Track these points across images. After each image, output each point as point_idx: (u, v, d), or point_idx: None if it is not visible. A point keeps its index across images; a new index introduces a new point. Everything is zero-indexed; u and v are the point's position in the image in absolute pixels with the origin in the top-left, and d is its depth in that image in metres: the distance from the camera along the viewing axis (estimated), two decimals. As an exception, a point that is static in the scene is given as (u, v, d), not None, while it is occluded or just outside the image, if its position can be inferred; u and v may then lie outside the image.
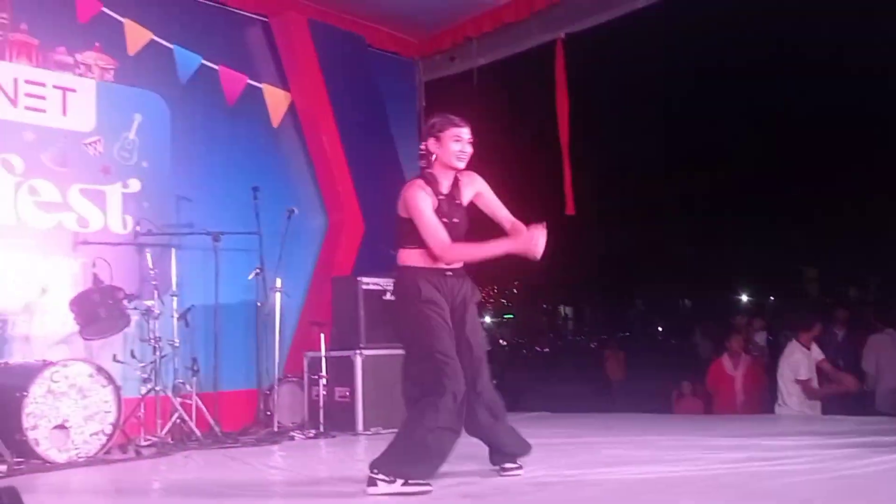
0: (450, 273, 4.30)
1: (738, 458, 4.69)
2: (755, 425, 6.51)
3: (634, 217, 24.21)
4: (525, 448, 4.53)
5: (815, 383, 7.38)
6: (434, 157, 4.31)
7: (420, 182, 4.31)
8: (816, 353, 7.48)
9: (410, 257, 4.32)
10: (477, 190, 4.44)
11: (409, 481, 4.02)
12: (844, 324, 9.71)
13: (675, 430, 6.32)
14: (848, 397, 7.76)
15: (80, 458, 5.45)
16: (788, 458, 4.59)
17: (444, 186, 4.34)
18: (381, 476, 4.07)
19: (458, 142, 4.27)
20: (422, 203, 4.21)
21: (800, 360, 7.37)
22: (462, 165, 4.32)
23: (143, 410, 6.28)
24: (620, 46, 11.54)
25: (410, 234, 4.27)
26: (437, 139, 4.29)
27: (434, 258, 4.25)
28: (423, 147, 4.37)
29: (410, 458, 4.11)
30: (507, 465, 4.48)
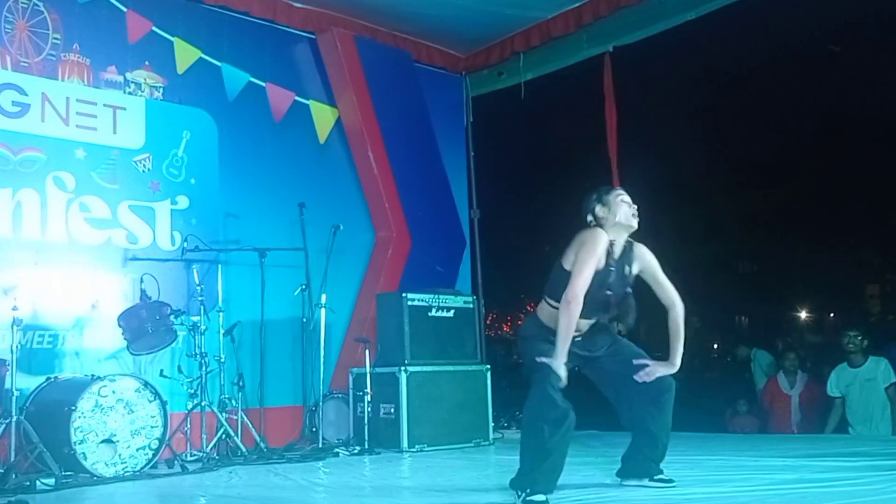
0: (578, 338, 4.30)
1: (788, 479, 4.57)
2: (810, 445, 6.32)
3: (691, 233, 23.88)
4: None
5: None
6: (604, 220, 4.31)
7: (603, 232, 4.28)
8: None
9: (543, 312, 4.36)
10: (644, 263, 4.45)
11: (528, 497, 4.05)
12: None
13: (727, 449, 6.17)
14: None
15: (126, 472, 5.50)
16: (840, 480, 4.44)
17: (616, 252, 4.33)
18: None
19: (630, 205, 4.31)
20: (599, 248, 4.21)
21: None
22: (636, 223, 4.35)
23: (189, 425, 6.35)
24: (673, 58, 11.41)
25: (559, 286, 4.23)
26: (605, 204, 4.33)
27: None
28: (588, 221, 4.35)
29: (528, 466, 4.16)
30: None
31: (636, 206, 4.38)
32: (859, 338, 7.38)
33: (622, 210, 4.33)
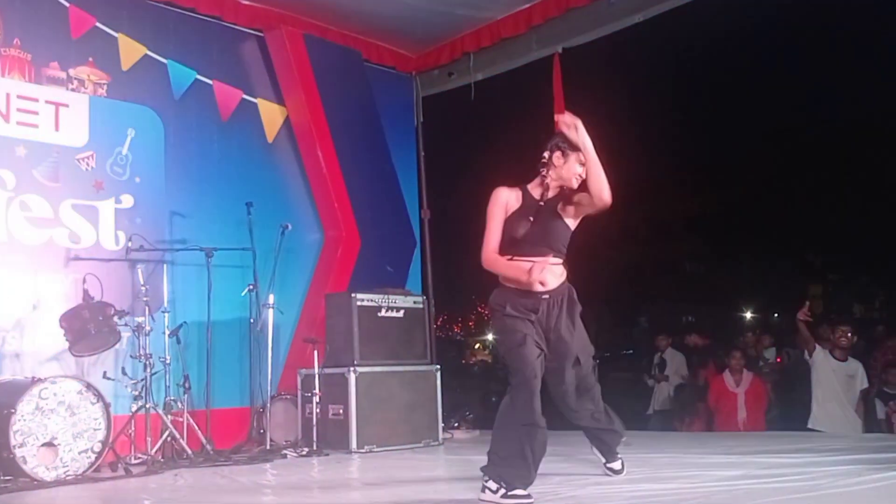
0: (545, 296, 4.35)
1: (734, 475, 4.63)
2: (755, 442, 6.42)
3: (639, 234, 24.15)
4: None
5: None
6: (552, 168, 4.38)
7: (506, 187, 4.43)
8: None
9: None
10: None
11: (509, 493, 4.10)
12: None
13: (675, 447, 6.24)
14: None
15: (68, 476, 5.38)
16: (784, 475, 4.51)
17: (544, 195, 4.40)
18: (489, 482, 4.19)
19: (581, 165, 4.32)
20: (495, 207, 4.38)
21: None
22: (575, 187, 4.39)
23: (133, 428, 6.21)
24: (621, 61, 11.53)
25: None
26: (564, 155, 4.36)
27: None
28: (545, 156, 4.40)
29: (506, 460, 4.19)
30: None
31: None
32: (850, 333, 7.53)
33: (574, 171, 4.36)
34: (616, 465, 4.81)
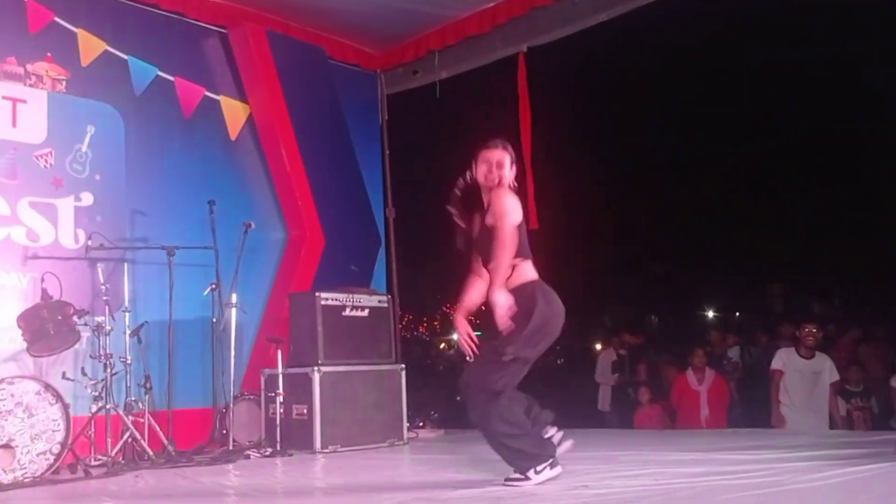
0: None
1: (696, 472, 4.66)
2: (716, 440, 6.47)
3: (603, 234, 24.26)
4: None
5: None
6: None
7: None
8: None
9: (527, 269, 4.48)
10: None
11: (537, 469, 4.32)
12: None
13: (637, 445, 6.28)
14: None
15: (25, 478, 5.29)
16: (745, 472, 4.56)
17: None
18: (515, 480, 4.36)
19: (485, 163, 4.44)
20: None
21: None
22: (488, 185, 4.46)
23: (93, 429, 6.12)
24: (586, 60, 11.57)
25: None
26: (474, 164, 4.49)
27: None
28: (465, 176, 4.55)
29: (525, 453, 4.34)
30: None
31: (498, 165, 4.47)
32: (815, 331, 7.56)
33: (479, 171, 4.49)
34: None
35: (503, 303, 4.24)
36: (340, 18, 8.48)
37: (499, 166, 4.47)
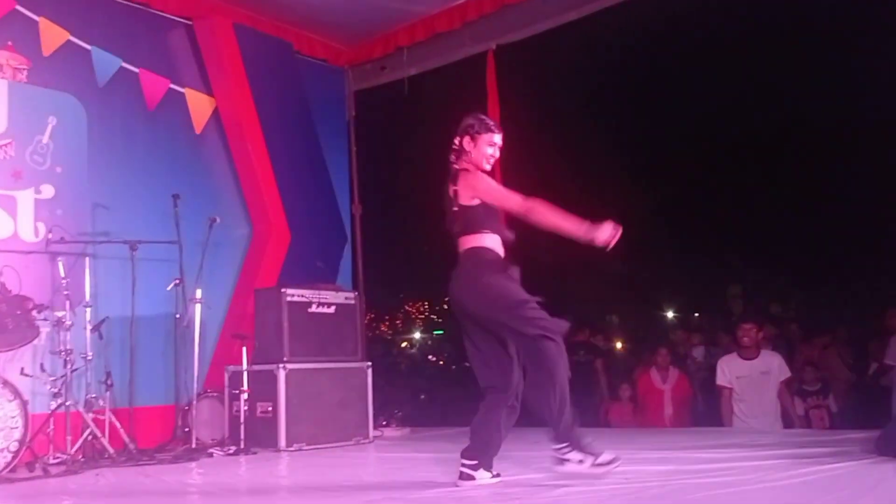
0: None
1: (665, 470, 4.66)
2: (682, 438, 6.50)
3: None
4: None
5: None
6: (468, 154, 4.46)
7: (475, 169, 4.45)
8: None
9: (481, 241, 4.39)
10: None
11: (598, 462, 4.17)
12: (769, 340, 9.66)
13: (604, 443, 6.25)
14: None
15: (-18, 476, 5.17)
16: (715, 470, 4.56)
17: None
18: (570, 457, 4.21)
19: (491, 146, 4.47)
20: (490, 180, 4.41)
21: None
22: (488, 167, 4.50)
23: (52, 426, 5.97)
24: (554, 58, 11.58)
25: (477, 219, 4.38)
26: (473, 140, 4.46)
27: (501, 245, 4.40)
28: (457, 143, 4.49)
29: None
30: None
31: (497, 152, 4.53)
32: (754, 331, 7.46)
33: (484, 152, 4.48)
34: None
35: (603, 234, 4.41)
36: (308, 13, 8.40)
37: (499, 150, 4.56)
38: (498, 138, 4.52)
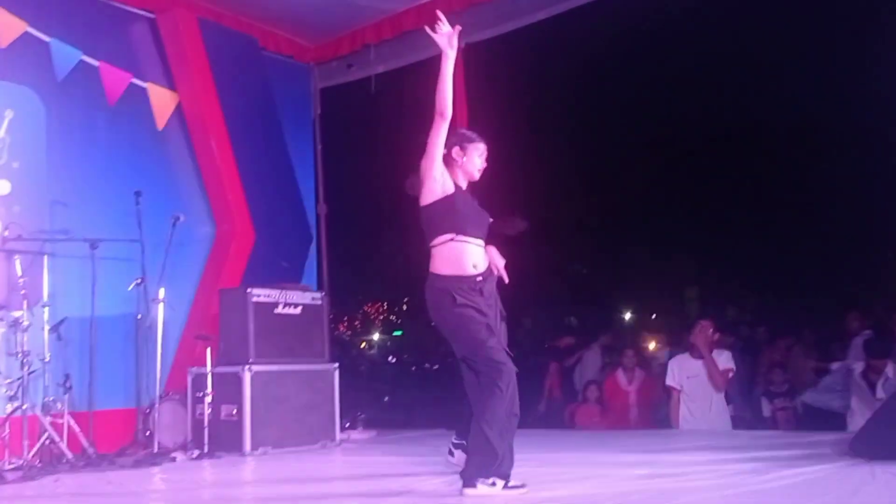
0: (479, 278, 4.34)
1: (642, 474, 4.62)
2: (653, 440, 6.49)
3: (525, 235, 24.37)
4: None
5: None
6: (456, 164, 4.49)
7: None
8: None
9: (440, 261, 4.35)
10: None
11: (509, 485, 4.11)
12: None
13: (575, 446, 6.25)
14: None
15: (-67, 483, 4.97)
16: (692, 473, 4.54)
17: (464, 186, 4.53)
18: (479, 481, 4.12)
19: (481, 156, 4.54)
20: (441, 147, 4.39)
21: None
22: (477, 177, 4.55)
23: (7, 431, 5.80)
24: (522, 58, 11.56)
25: (437, 221, 4.36)
26: (462, 149, 4.50)
27: (465, 262, 4.33)
28: (444, 152, 4.47)
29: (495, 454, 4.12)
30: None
31: (484, 165, 4.58)
32: (710, 329, 7.37)
33: (475, 162, 4.52)
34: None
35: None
36: (274, 8, 8.27)
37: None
38: (485, 149, 4.57)
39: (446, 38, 4.56)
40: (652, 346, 12.14)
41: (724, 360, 7.36)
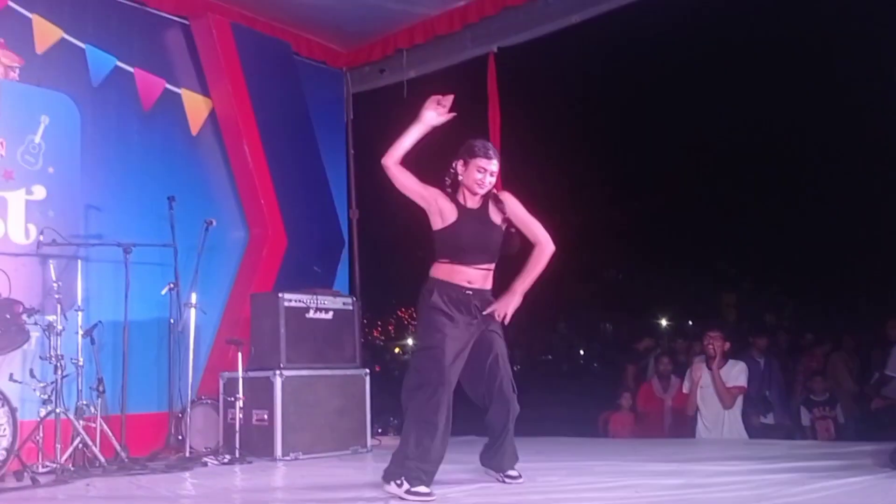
0: (469, 291, 4.51)
1: (676, 484, 4.53)
2: (686, 450, 6.38)
3: (562, 241, 24.26)
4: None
5: None
6: (459, 177, 4.61)
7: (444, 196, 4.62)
8: None
9: (436, 269, 4.59)
10: (507, 210, 4.65)
11: (412, 490, 4.26)
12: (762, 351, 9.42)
13: (608, 454, 6.15)
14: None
15: (-33, 485, 5.01)
16: (726, 484, 4.44)
17: (469, 203, 4.62)
18: (392, 479, 4.36)
19: (480, 172, 4.55)
20: (423, 187, 4.57)
21: None
22: (480, 192, 4.60)
23: (41, 434, 5.82)
24: (554, 63, 11.47)
25: (440, 246, 4.57)
26: (465, 163, 4.59)
27: (459, 277, 4.53)
28: (452, 166, 4.64)
29: (408, 458, 4.33)
30: (511, 473, 4.76)
31: (493, 175, 4.62)
32: (720, 340, 7.20)
33: (473, 177, 4.57)
34: (514, 472, 4.80)
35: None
36: (307, 14, 8.27)
37: (493, 177, 4.65)
38: (491, 164, 4.58)
39: (435, 115, 4.56)
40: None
41: (737, 372, 7.18)
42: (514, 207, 4.66)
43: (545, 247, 4.64)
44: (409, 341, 30.46)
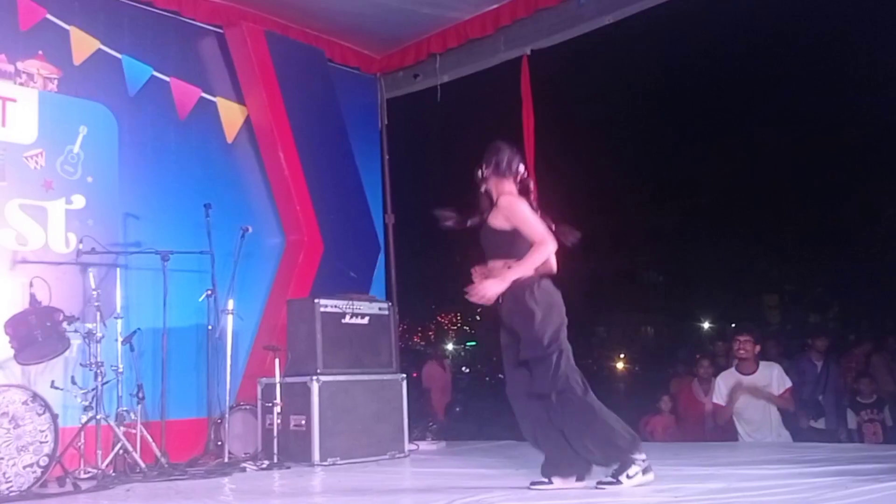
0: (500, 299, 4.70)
1: (715, 488, 4.45)
2: (729, 453, 6.27)
3: (600, 243, 24.17)
4: None
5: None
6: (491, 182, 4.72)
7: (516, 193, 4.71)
8: None
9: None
10: (502, 216, 4.70)
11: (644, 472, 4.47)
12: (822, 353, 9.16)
13: (648, 457, 6.05)
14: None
15: (11, 492, 5.05)
16: (767, 488, 4.34)
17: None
18: (623, 474, 4.45)
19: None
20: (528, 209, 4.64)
21: None
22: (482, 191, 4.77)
23: (82, 440, 5.90)
24: (590, 64, 11.44)
25: (513, 244, 4.62)
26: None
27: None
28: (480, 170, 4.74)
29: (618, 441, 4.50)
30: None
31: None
32: (750, 343, 6.93)
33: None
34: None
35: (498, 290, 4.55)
36: (340, 20, 8.31)
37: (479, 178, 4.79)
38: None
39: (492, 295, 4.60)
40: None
41: (779, 374, 6.90)
42: (508, 213, 4.67)
43: (540, 244, 4.62)
44: (449, 346, 30.42)
